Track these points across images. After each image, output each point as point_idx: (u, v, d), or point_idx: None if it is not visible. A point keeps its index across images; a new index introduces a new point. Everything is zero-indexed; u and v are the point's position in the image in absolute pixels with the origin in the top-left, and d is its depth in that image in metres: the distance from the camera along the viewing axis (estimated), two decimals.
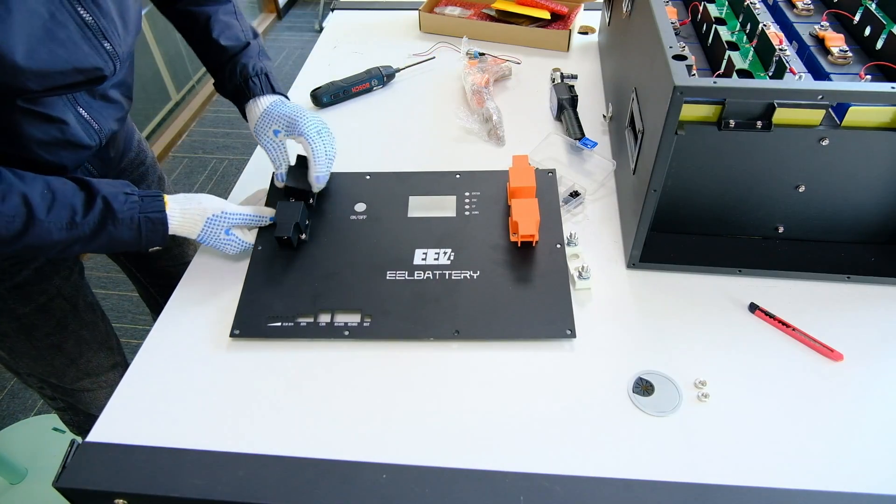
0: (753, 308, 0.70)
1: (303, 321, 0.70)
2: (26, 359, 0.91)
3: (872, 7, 0.74)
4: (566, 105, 0.99)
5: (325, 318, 0.70)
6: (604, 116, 1.00)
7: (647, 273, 0.76)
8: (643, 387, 0.63)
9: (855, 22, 0.76)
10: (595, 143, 0.92)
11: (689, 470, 0.56)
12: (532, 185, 0.78)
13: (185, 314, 0.73)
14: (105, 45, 0.65)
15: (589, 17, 1.30)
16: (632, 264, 0.76)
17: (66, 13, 0.61)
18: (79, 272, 0.90)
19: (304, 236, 0.78)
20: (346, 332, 0.69)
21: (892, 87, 0.58)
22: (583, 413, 0.61)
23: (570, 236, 0.77)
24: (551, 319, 0.69)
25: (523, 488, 0.54)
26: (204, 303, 0.74)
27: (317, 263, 0.76)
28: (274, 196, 0.84)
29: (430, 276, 0.73)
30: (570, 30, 1.20)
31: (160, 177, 1.03)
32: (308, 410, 0.62)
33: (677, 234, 0.78)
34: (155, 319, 0.75)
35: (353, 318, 0.70)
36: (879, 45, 0.70)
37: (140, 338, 0.72)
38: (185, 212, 0.72)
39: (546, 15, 1.25)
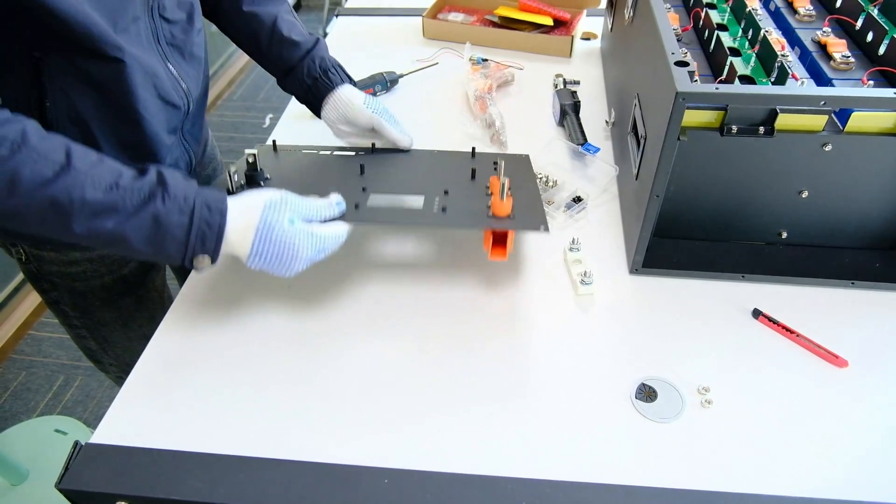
0: (757, 314, 0.70)
1: None
2: (116, 349, 0.93)
3: (874, 13, 0.74)
4: (569, 110, 0.99)
5: None
6: (606, 122, 1.00)
7: (649, 279, 0.75)
8: (646, 393, 0.63)
9: (857, 28, 0.76)
10: (598, 149, 0.92)
11: (692, 477, 0.56)
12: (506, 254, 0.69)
13: (188, 317, 0.73)
14: None
15: (591, 23, 1.31)
16: (634, 270, 0.75)
17: None
18: (164, 265, 0.93)
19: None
20: None
21: (895, 93, 0.59)
22: (585, 419, 0.61)
23: (573, 241, 0.77)
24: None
25: (525, 494, 0.54)
26: (207, 306, 0.74)
27: None
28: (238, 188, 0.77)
29: None
30: (573, 36, 1.21)
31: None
32: (310, 414, 0.62)
33: (680, 239, 0.78)
34: None
35: None
36: (882, 50, 0.70)
37: None
38: (243, 210, 0.62)
39: (548, 21, 1.25)
